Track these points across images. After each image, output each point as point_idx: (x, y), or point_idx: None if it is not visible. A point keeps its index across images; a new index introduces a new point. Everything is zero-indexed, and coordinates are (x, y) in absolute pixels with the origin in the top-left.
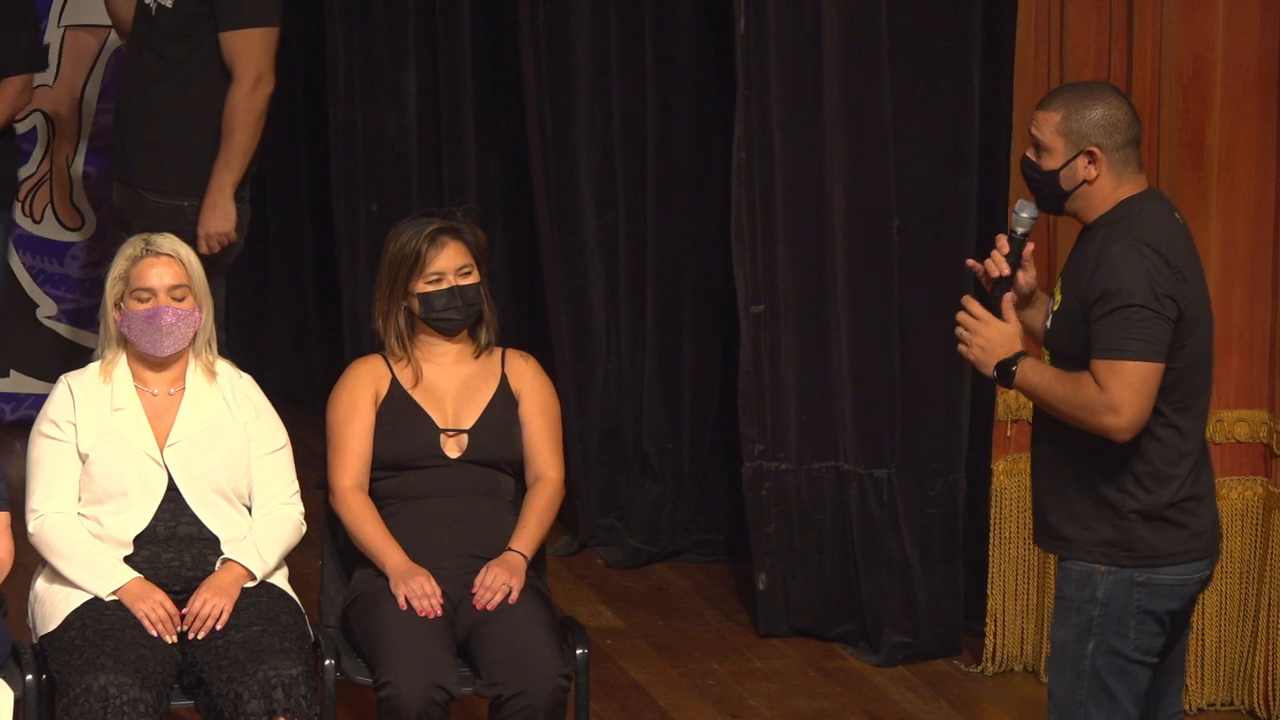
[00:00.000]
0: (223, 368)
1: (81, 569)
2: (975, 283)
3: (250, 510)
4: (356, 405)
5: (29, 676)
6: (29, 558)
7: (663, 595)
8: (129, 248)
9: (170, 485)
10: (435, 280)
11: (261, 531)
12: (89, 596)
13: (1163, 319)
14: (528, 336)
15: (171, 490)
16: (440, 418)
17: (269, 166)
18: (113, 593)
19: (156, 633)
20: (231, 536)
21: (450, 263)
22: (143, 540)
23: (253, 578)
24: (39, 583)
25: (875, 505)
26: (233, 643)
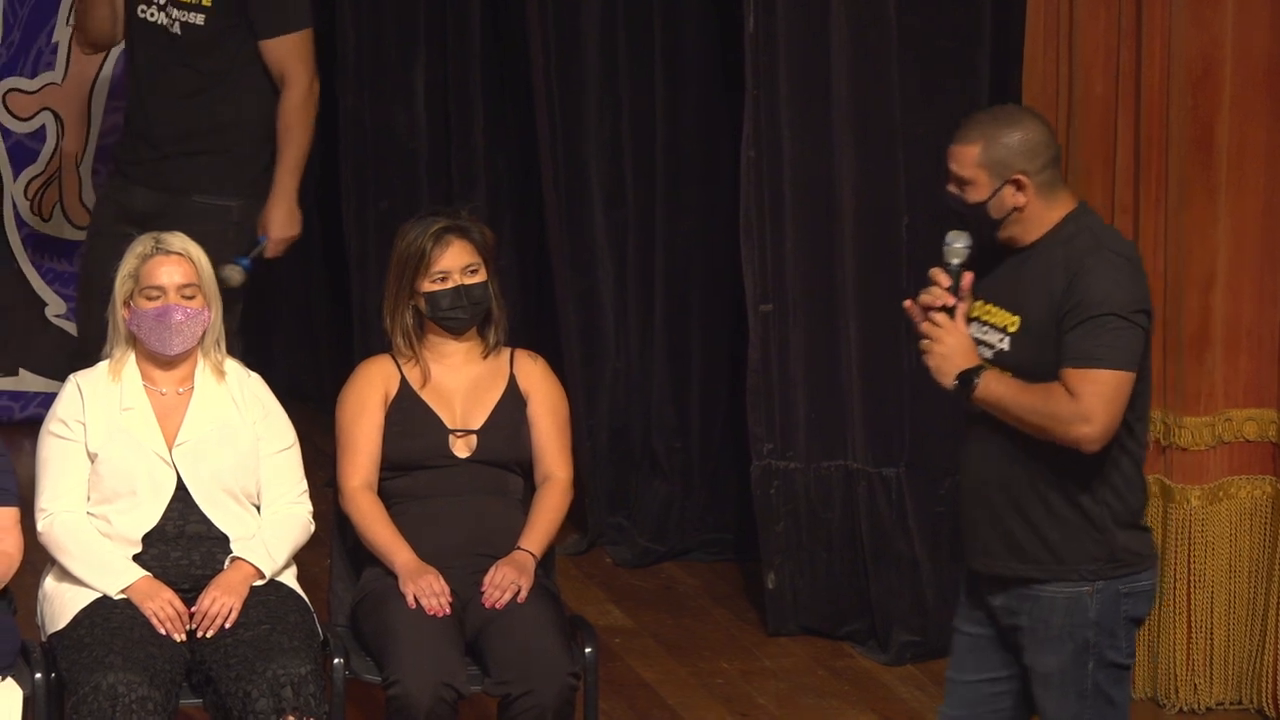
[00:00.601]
0: (231, 367)
1: (90, 567)
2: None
3: (259, 509)
4: (366, 405)
5: (38, 675)
6: (37, 556)
7: (671, 594)
8: (139, 245)
9: (179, 484)
10: (441, 279)
11: (270, 530)
12: (98, 595)
13: (1137, 329)
14: (536, 334)
15: (180, 489)
16: (449, 418)
17: None
18: (121, 591)
19: (165, 631)
20: (240, 535)
21: (456, 261)
22: (151, 539)
23: (262, 576)
24: (48, 581)
25: (884, 504)
26: (241, 641)
